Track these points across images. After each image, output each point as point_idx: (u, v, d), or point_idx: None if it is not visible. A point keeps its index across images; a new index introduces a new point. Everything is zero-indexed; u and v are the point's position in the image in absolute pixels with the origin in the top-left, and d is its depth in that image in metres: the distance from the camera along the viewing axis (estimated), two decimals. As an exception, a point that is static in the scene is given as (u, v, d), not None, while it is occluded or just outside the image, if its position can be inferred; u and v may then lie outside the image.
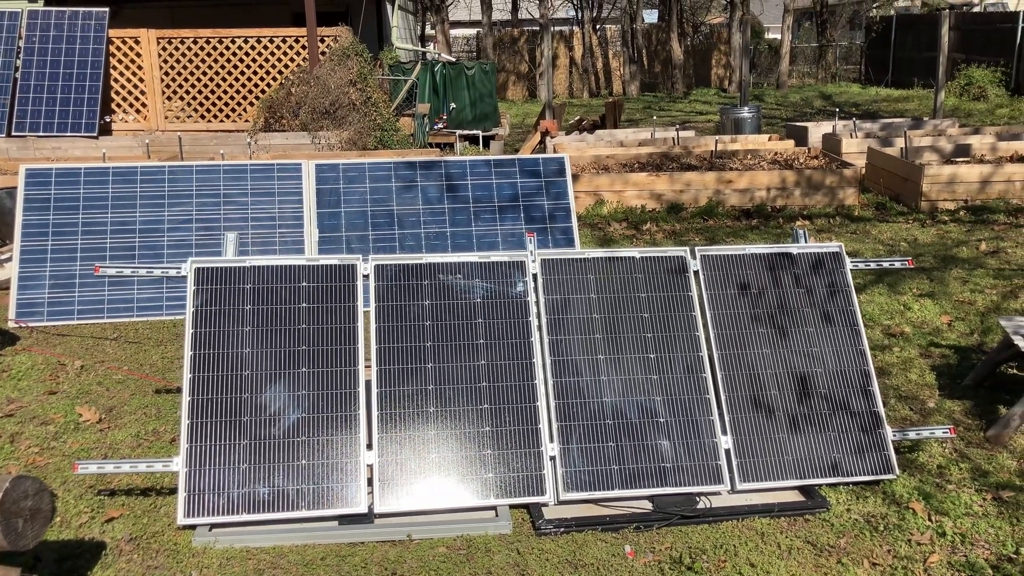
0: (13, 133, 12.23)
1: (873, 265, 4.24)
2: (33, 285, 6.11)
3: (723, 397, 3.81)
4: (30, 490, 2.58)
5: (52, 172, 6.39)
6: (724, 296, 4.00)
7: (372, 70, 13.07)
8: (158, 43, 13.06)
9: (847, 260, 4.17)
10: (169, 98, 13.26)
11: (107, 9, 12.89)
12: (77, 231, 6.28)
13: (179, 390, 4.87)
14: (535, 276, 3.95)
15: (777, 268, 4.10)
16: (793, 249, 4.16)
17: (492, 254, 3.97)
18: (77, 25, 12.89)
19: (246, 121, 13.20)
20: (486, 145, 15.12)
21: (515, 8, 28.70)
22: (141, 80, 13.13)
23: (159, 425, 4.41)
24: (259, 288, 3.77)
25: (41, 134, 12.32)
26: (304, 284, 3.82)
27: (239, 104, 13.30)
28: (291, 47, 13.14)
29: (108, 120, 12.97)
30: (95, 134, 12.35)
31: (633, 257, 4.03)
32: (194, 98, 13.19)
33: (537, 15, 27.44)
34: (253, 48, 13.08)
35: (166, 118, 13.31)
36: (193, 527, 3.43)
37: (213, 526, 3.44)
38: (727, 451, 3.73)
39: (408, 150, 12.17)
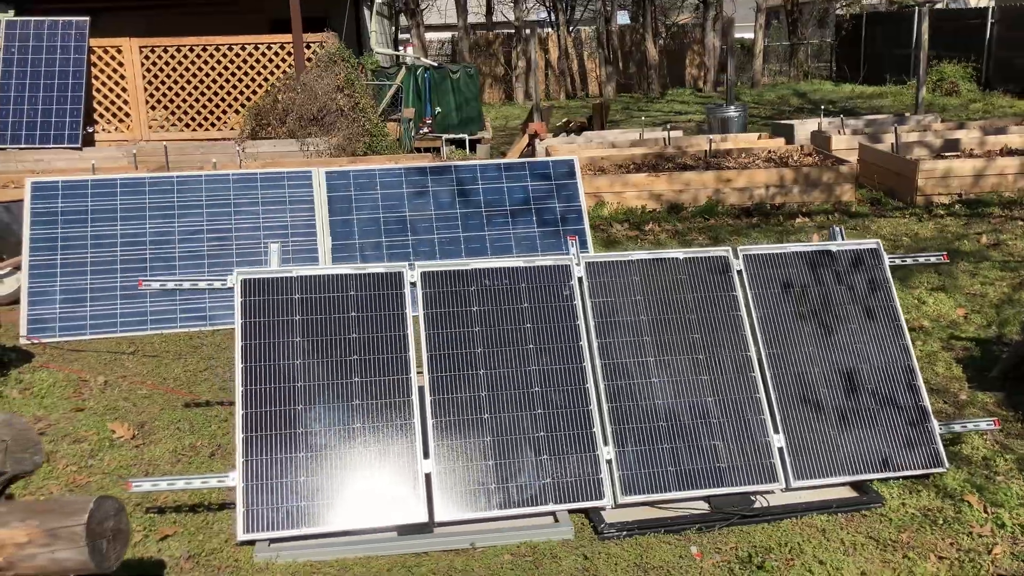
0: (-6, 145, 12.01)
1: (910, 261, 4.28)
2: (43, 301, 5.99)
3: (773, 396, 3.83)
4: (111, 510, 2.52)
5: (59, 184, 6.28)
6: (768, 295, 4.02)
7: (359, 76, 13.00)
8: (141, 52, 12.89)
9: (885, 256, 4.21)
10: (153, 107, 13.09)
11: (87, 18, 12.70)
12: (86, 244, 6.17)
13: (208, 403, 4.80)
14: (580, 279, 3.95)
15: (818, 266, 4.12)
16: (833, 247, 4.19)
17: (536, 258, 3.95)
18: (57, 35, 12.69)
19: (232, 129, 13.08)
20: (472, 149, 15.09)
21: (489, 11, 28.71)
22: (124, 90, 12.96)
23: (195, 439, 4.34)
24: (307, 298, 3.73)
25: (23, 146, 12.10)
26: (352, 293, 3.78)
27: (224, 112, 13.16)
28: (276, 54, 13.03)
29: (91, 130, 12.77)
30: (78, 145, 12.15)
31: (677, 258, 4.03)
32: (178, 107, 13.04)
33: (512, 18, 27.47)
34: (238, 56, 12.96)
35: (150, 127, 13.15)
36: (252, 543, 3.38)
37: (272, 541, 3.39)
38: (780, 449, 3.75)
39: (399, 155, 12.12)
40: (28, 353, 5.61)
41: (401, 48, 23.90)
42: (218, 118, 13.16)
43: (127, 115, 13.04)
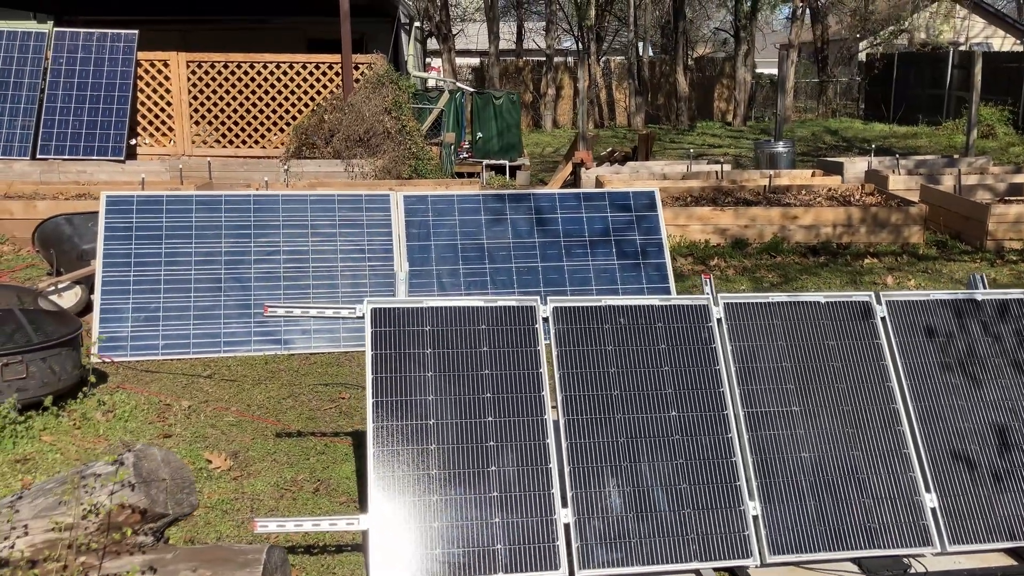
0: (38, 156, 11.89)
1: (1054, 312, 4.08)
2: (115, 319, 5.81)
3: (923, 452, 3.61)
4: (278, 561, 2.32)
5: (134, 199, 6.11)
6: (914, 344, 3.81)
7: (408, 99, 12.88)
8: (187, 66, 12.80)
9: (1032, 307, 4.01)
10: (197, 122, 12.98)
11: (136, 32, 12.64)
12: (160, 261, 5.99)
13: (300, 434, 4.60)
14: (719, 321, 3.75)
15: (964, 315, 3.92)
16: (978, 295, 3.99)
17: (672, 298, 3.76)
18: (105, 47, 12.62)
19: (275, 147, 12.95)
20: (512, 175, 14.96)
21: (519, 39, 28.72)
22: (168, 104, 12.85)
23: (294, 473, 4.13)
24: (438, 331, 3.53)
25: (67, 157, 11.99)
26: (483, 327, 3.58)
27: (268, 130, 13.04)
28: (324, 73, 12.93)
29: (133, 143, 12.65)
30: (122, 158, 12.04)
31: (819, 302, 3.84)
32: (223, 123, 12.92)
33: (543, 45, 27.48)
34: (285, 74, 12.85)
35: (192, 143, 13.02)
36: (384, 592, 3.16)
37: (404, 591, 3.17)
38: (933, 510, 3.53)
39: (447, 180, 11.98)
40: (102, 372, 5.41)
41: (431, 72, 23.90)
42: (262, 135, 13.04)
43: (170, 129, 12.93)
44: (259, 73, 12.80)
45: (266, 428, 4.66)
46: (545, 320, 3.66)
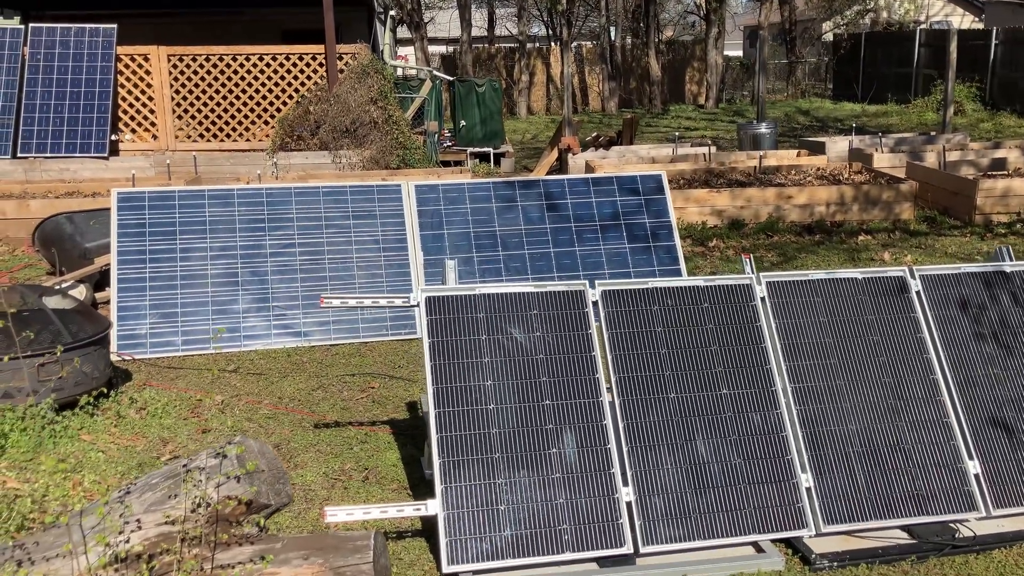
0: (19, 154, 11.70)
1: (1077, 282, 4.21)
2: (133, 316, 5.77)
3: (963, 420, 3.72)
4: (381, 546, 2.36)
5: (145, 195, 6.07)
6: (948, 316, 3.92)
7: (392, 88, 12.83)
8: (169, 60, 12.64)
9: (1057, 277, 4.13)
10: (180, 117, 12.84)
11: (115, 26, 12.46)
12: (175, 257, 5.96)
13: (337, 424, 4.62)
14: (763, 299, 3.83)
15: (993, 286, 4.04)
16: (1007, 267, 4.11)
17: (717, 278, 3.83)
18: (84, 42, 12.43)
19: (260, 140, 12.85)
20: (496, 163, 14.98)
21: (491, 25, 28.64)
22: (150, 99, 12.70)
23: (341, 463, 4.15)
24: (491, 317, 3.58)
25: (48, 155, 11.82)
26: (535, 312, 3.63)
27: (253, 123, 12.94)
28: (308, 64, 12.84)
29: (115, 139, 12.48)
30: (105, 154, 11.89)
31: (856, 279, 3.93)
32: (206, 117, 12.79)
33: (515, 32, 27.43)
34: (268, 66, 12.75)
35: (176, 137, 12.88)
36: (456, 575, 3.21)
37: (475, 573, 3.22)
38: (976, 476, 3.64)
39: (437, 169, 11.97)
40: (126, 371, 5.39)
41: (399, 61, 23.74)
42: (247, 128, 12.93)
43: (153, 124, 12.78)
44: (242, 66, 12.68)
45: (302, 420, 4.67)
46: (594, 303, 3.72)
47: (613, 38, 26.27)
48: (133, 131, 12.78)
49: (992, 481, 3.64)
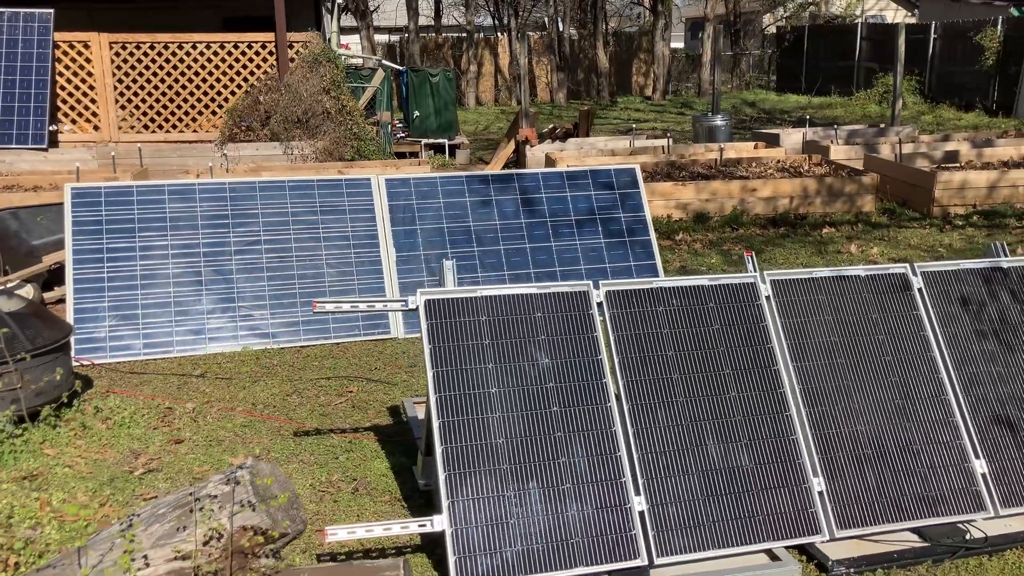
0: (-49, 145, 11.11)
1: (1070, 277, 4.20)
2: (91, 318, 5.46)
3: (969, 419, 3.68)
4: (408, 574, 2.18)
5: (102, 191, 5.74)
6: (950, 313, 3.87)
7: (345, 78, 12.52)
8: (111, 48, 12.13)
9: (1053, 273, 4.12)
10: (123, 107, 12.34)
11: (51, 10, 11.90)
12: (135, 256, 5.66)
13: (318, 431, 4.41)
14: (768, 298, 3.73)
15: (992, 282, 4.00)
16: (1003, 263, 4.08)
17: (721, 277, 3.72)
18: (18, 27, 11.86)
19: (207, 131, 12.43)
20: (451, 154, 14.76)
21: (438, 14, 28.30)
22: (91, 87, 12.17)
23: (327, 474, 3.95)
24: (494, 320, 3.41)
25: (-18, 146, 11.24)
26: (538, 315, 3.47)
27: (200, 113, 12.50)
28: (257, 53, 12.44)
29: (54, 129, 11.94)
30: (44, 146, 11.37)
31: (859, 276, 3.86)
32: (151, 107, 12.32)
33: (463, 21, 27.13)
34: (216, 54, 12.32)
35: (119, 128, 12.38)
36: (465, 594, 3.04)
37: (486, 591, 3.06)
38: (983, 476, 3.60)
39: (394, 160, 11.71)
40: (86, 377, 5.09)
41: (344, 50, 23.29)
42: (193, 119, 12.49)
43: (94, 114, 12.26)
44: (188, 54, 12.24)
45: (280, 427, 4.45)
46: (598, 304, 3.57)
47: (561, 29, 26.17)
48: (73, 121, 12.24)
49: (999, 480, 3.60)
